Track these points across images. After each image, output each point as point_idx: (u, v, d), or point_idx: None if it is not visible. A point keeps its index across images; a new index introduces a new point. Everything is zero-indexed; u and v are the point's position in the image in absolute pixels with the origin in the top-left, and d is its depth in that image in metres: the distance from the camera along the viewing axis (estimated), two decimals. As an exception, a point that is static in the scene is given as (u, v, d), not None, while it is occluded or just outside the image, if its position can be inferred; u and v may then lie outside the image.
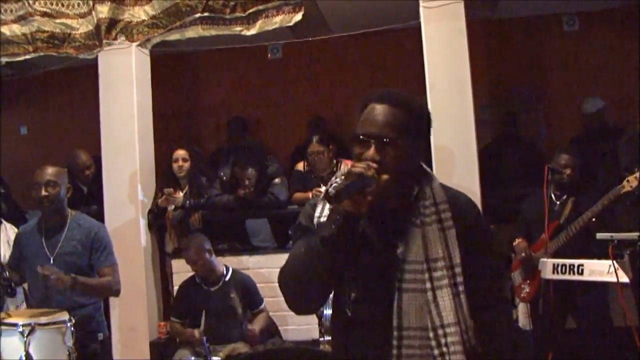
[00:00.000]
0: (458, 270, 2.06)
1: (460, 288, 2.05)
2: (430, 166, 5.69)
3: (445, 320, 2.02)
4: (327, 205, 2.11)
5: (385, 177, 2.00)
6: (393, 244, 2.09)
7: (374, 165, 1.99)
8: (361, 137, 2.07)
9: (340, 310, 2.17)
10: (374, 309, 2.08)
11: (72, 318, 3.92)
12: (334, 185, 2.03)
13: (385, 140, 2.04)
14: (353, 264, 2.07)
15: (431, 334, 2.02)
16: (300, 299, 2.17)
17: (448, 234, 2.08)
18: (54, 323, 3.86)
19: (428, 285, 2.04)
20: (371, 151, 2.03)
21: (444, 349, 2.01)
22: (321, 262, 2.00)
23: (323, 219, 2.11)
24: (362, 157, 2.04)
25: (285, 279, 2.15)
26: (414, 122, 2.12)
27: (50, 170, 4.31)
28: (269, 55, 8.71)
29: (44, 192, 4.24)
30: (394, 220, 2.12)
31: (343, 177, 2.02)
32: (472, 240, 2.14)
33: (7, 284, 4.06)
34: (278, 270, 2.23)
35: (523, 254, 5.28)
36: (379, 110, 2.08)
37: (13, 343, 3.70)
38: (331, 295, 2.24)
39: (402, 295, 2.04)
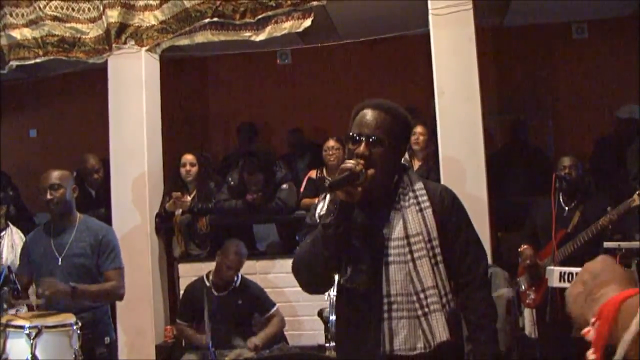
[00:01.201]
0: (436, 243, 2.44)
1: (439, 258, 2.43)
2: (438, 171, 5.70)
3: (425, 285, 2.39)
4: (326, 203, 2.52)
5: (371, 171, 2.38)
6: (380, 226, 2.48)
7: (362, 161, 2.38)
8: (355, 136, 2.47)
9: (339, 284, 2.57)
10: (367, 281, 2.45)
11: (78, 321, 3.92)
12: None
13: (374, 139, 2.43)
14: (349, 246, 2.46)
15: (414, 298, 2.39)
16: (311, 280, 2.57)
17: (425, 213, 2.47)
18: (61, 326, 3.86)
19: (409, 257, 2.42)
20: (362, 147, 2.43)
21: (426, 309, 2.38)
22: (324, 245, 2.39)
23: (323, 212, 2.51)
24: (354, 153, 2.44)
25: (297, 265, 2.56)
26: (399, 127, 2.52)
27: (53, 174, 4.33)
28: (278, 61, 8.74)
29: (49, 196, 4.26)
30: (379, 206, 2.51)
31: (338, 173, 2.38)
32: (451, 223, 2.53)
33: (14, 287, 4.06)
34: (285, 275, 2.51)
35: (528, 262, 5.25)
36: (371, 114, 2.49)
37: (20, 345, 3.70)
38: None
39: (388, 268, 2.43)
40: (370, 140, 2.43)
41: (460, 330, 2.48)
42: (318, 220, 2.51)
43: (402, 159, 2.68)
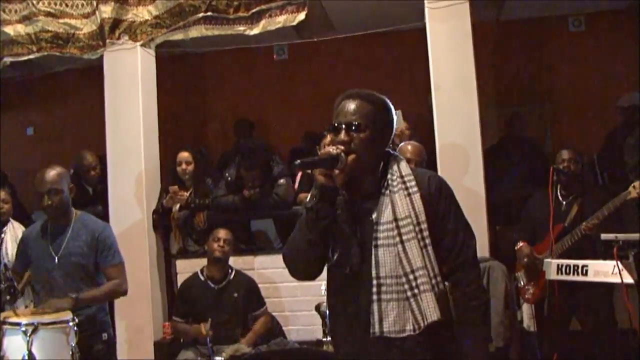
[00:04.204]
0: (424, 226, 2.47)
1: (427, 241, 2.46)
2: (435, 165, 5.69)
3: (414, 266, 2.42)
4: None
5: (352, 156, 2.47)
6: (368, 211, 2.53)
7: (342, 147, 2.46)
8: (335, 124, 2.53)
9: (330, 270, 2.61)
10: (355, 264, 2.50)
11: (75, 318, 3.91)
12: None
13: (353, 125, 2.50)
14: (336, 230, 2.52)
15: (404, 280, 2.43)
16: (299, 266, 2.65)
17: (413, 197, 2.50)
18: (57, 323, 3.85)
19: (397, 239, 2.45)
20: (342, 135, 2.50)
21: (415, 290, 2.41)
22: (309, 229, 2.49)
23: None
24: (335, 141, 2.51)
25: (286, 252, 2.66)
26: (378, 114, 2.57)
27: (50, 177, 4.20)
28: (275, 56, 8.73)
29: (47, 202, 4.17)
30: (367, 191, 2.56)
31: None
32: (439, 207, 2.55)
33: (11, 284, 4.04)
34: (283, 270, 2.57)
35: (526, 260, 5.23)
36: (350, 103, 2.55)
37: (16, 342, 3.69)
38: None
39: (377, 251, 2.47)
40: (350, 127, 2.50)
41: (449, 312, 2.47)
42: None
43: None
